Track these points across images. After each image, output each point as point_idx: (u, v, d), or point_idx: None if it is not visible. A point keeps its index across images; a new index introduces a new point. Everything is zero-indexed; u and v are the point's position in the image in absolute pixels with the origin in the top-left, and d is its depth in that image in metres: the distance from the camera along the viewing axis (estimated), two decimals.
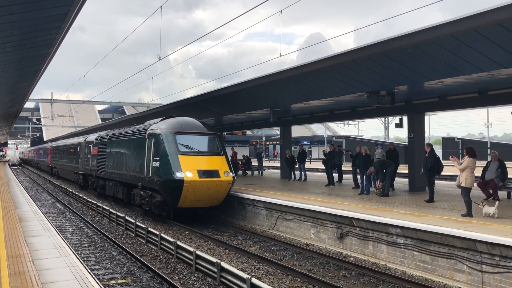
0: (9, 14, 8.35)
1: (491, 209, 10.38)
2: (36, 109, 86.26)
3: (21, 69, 14.58)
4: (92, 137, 27.32)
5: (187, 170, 14.48)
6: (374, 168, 15.10)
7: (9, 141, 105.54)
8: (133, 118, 29.42)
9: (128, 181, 18.70)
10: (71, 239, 13.65)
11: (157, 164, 15.22)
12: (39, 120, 74.59)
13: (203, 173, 14.69)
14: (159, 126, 16.09)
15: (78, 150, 29.90)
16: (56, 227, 14.21)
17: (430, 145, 13.97)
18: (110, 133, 23.04)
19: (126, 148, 19.19)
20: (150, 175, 15.68)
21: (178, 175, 14.39)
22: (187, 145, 15.33)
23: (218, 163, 15.33)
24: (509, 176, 14.46)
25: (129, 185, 18.89)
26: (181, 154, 14.93)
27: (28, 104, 57.70)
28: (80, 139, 31.47)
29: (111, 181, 21.70)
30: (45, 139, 75.39)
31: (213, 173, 14.90)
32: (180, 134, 15.52)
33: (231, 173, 15.36)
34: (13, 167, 66.48)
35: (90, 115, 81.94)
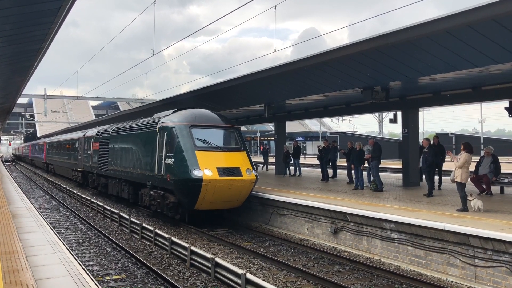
0: (1, 9, 8.27)
1: (478, 202, 10.56)
2: (29, 105, 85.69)
3: (14, 64, 14.47)
4: (92, 131, 25.77)
5: (206, 168, 13.00)
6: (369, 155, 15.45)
7: (2, 137, 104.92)
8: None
9: (135, 180, 17.15)
10: (65, 235, 13.60)
11: (170, 161, 13.70)
12: (32, 116, 74.17)
13: (223, 171, 13.19)
14: (172, 118, 14.49)
15: (77, 145, 28.29)
16: (50, 224, 14.16)
17: (428, 139, 14.04)
18: (113, 127, 21.37)
19: (132, 144, 17.61)
20: (162, 173, 14.13)
21: (196, 173, 12.88)
22: (204, 140, 13.79)
23: (239, 159, 13.87)
24: (502, 171, 14.57)
25: (136, 184, 17.36)
26: (198, 150, 13.40)
27: (21, 100, 57.45)
28: (78, 134, 29.76)
29: (114, 179, 20.17)
30: (38, 135, 74.93)
31: (234, 171, 13.41)
32: (196, 128, 13.96)
33: (253, 171, 13.92)
34: (6, 163, 66.14)
35: (83, 111, 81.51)
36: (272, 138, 51.35)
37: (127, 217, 14.43)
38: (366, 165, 16.03)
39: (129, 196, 18.16)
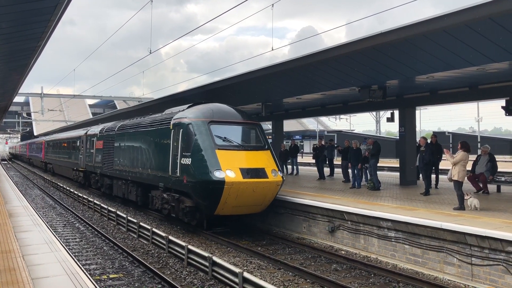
0: None
1: (475, 201, 10.60)
2: (26, 103, 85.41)
3: (10, 62, 14.40)
4: (95, 129, 24.40)
5: (228, 169, 11.78)
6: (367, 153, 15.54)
7: None
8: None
9: (145, 181, 15.90)
10: (62, 234, 13.57)
11: (187, 161, 12.46)
12: (29, 114, 73.93)
13: (247, 173, 11.99)
14: (187, 114, 13.30)
15: (78, 144, 26.98)
16: (47, 222, 14.13)
17: (426, 138, 14.06)
18: (119, 124, 20.10)
19: (141, 142, 16.31)
20: (178, 174, 12.82)
21: (217, 174, 11.66)
22: (224, 137, 12.62)
23: (263, 159, 12.68)
24: (499, 170, 14.61)
25: (146, 186, 16.09)
26: (218, 149, 12.19)
27: (18, 99, 57.22)
28: (80, 132, 28.34)
29: (120, 180, 18.86)
30: (35, 133, 74.71)
31: (259, 173, 12.21)
32: (215, 124, 12.76)
33: (279, 172, 12.70)
34: (3, 162, 65.97)
35: (80, 109, 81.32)
36: (270, 136, 51.31)
37: (124, 215, 14.41)
38: (367, 164, 16.03)
39: (138, 199, 17.00)
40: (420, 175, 15.20)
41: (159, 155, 14.54)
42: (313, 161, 22.77)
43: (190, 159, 12.40)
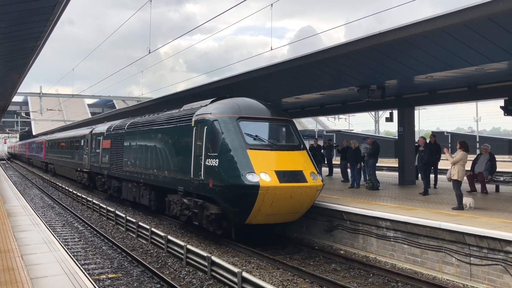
0: None
1: (470, 200, 10.69)
2: (25, 103, 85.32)
3: (9, 62, 14.39)
4: (101, 127, 23.05)
5: (262, 171, 10.43)
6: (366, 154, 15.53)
7: None
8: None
9: (160, 184, 14.45)
10: (61, 234, 13.57)
11: (214, 162, 11.05)
12: (27, 114, 73.88)
13: (284, 176, 10.62)
14: (212, 110, 11.87)
15: (82, 143, 25.57)
16: (46, 222, 14.12)
17: (424, 138, 14.09)
18: (129, 122, 18.64)
19: (156, 141, 14.84)
20: (202, 177, 11.38)
21: (250, 178, 10.29)
22: (255, 136, 11.23)
23: (300, 161, 11.31)
24: (497, 170, 14.63)
25: (161, 189, 14.68)
26: (250, 149, 10.82)
27: (17, 98, 57.12)
28: (84, 131, 26.85)
29: (131, 182, 17.50)
30: (34, 133, 74.64)
31: (297, 176, 10.83)
32: (245, 120, 11.37)
33: (318, 175, 11.30)
34: (1, 162, 65.91)
35: (79, 109, 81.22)
36: None
37: (123, 215, 14.40)
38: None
39: (151, 203, 15.57)
40: (419, 175, 15.23)
41: (178, 155, 13.18)
42: None
43: (217, 160, 10.99)
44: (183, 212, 12.86)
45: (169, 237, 11.01)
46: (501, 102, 14.12)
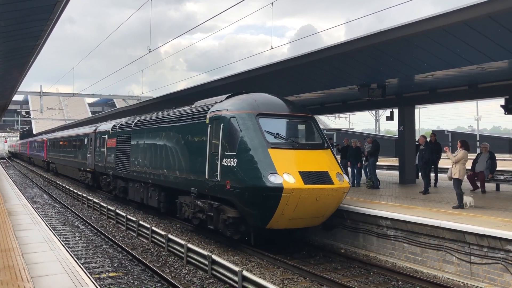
0: None
1: (470, 199, 10.70)
2: (25, 102, 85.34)
3: (9, 61, 14.39)
4: (105, 126, 22.36)
5: (285, 172, 9.73)
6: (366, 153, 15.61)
7: None
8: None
9: (171, 185, 13.75)
10: (61, 232, 13.58)
11: (232, 162, 10.33)
12: (28, 113, 73.88)
13: (309, 177, 9.90)
14: (228, 106, 11.19)
15: (86, 142, 24.79)
16: (46, 221, 14.14)
17: (425, 137, 14.09)
18: (136, 120, 17.88)
19: (166, 139, 14.10)
20: (218, 178, 10.69)
21: (273, 179, 9.57)
22: (276, 134, 10.52)
23: (325, 161, 10.61)
24: (498, 168, 14.64)
25: (171, 190, 14.01)
26: (272, 148, 10.10)
27: (17, 97, 57.11)
28: (88, 129, 26.01)
29: (138, 182, 16.78)
30: (34, 132, 74.67)
31: (323, 177, 10.12)
32: (264, 117, 10.65)
33: (344, 176, 10.65)
34: (2, 161, 65.96)
35: (80, 108, 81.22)
36: None
37: (124, 214, 14.41)
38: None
39: (160, 205, 14.87)
40: (420, 173, 15.23)
41: (191, 155, 12.41)
42: None
43: (235, 160, 10.25)
44: (196, 215, 12.19)
45: (170, 235, 11.02)
46: (501, 101, 14.12)
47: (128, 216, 14.03)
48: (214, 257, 8.87)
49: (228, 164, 10.41)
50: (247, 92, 12.02)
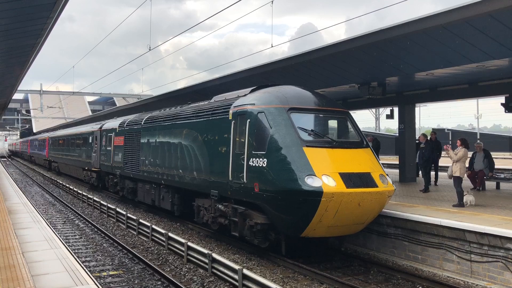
0: None
1: (470, 198, 10.72)
2: (25, 100, 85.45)
3: (9, 59, 14.39)
4: (112, 123, 21.19)
5: (324, 174, 8.62)
6: None
7: None
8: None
9: (187, 187, 12.63)
10: (62, 231, 13.59)
11: (260, 162, 9.21)
12: (28, 111, 73.91)
13: (350, 179, 8.79)
14: (254, 100, 10.08)
15: (90, 140, 23.65)
16: (46, 219, 14.14)
17: (425, 135, 14.09)
18: (146, 116, 16.74)
19: (182, 137, 12.96)
20: (244, 180, 9.62)
21: (310, 182, 8.47)
22: (311, 130, 9.43)
23: (366, 160, 9.48)
24: (498, 167, 14.64)
25: (187, 192, 13.03)
26: (307, 146, 8.99)
27: (17, 96, 57.15)
28: (92, 127, 24.88)
29: (148, 183, 15.78)
30: (34, 130, 74.71)
31: (366, 179, 8.99)
32: (296, 112, 9.53)
33: (388, 178, 9.42)
34: (2, 159, 65.99)
35: (80, 106, 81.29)
36: None
37: (124, 212, 14.41)
38: None
39: (174, 208, 13.83)
40: (420, 172, 15.22)
41: (211, 154, 11.32)
42: None
43: (265, 160, 9.14)
44: (217, 220, 11.21)
45: (170, 234, 11.02)
46: (501, 99, 14.10)
47: (129, 215, 14.03)
48: (215, 255, 8.88)
49: (257, 165, 9.32)
50: (273, 84, 11.10)
